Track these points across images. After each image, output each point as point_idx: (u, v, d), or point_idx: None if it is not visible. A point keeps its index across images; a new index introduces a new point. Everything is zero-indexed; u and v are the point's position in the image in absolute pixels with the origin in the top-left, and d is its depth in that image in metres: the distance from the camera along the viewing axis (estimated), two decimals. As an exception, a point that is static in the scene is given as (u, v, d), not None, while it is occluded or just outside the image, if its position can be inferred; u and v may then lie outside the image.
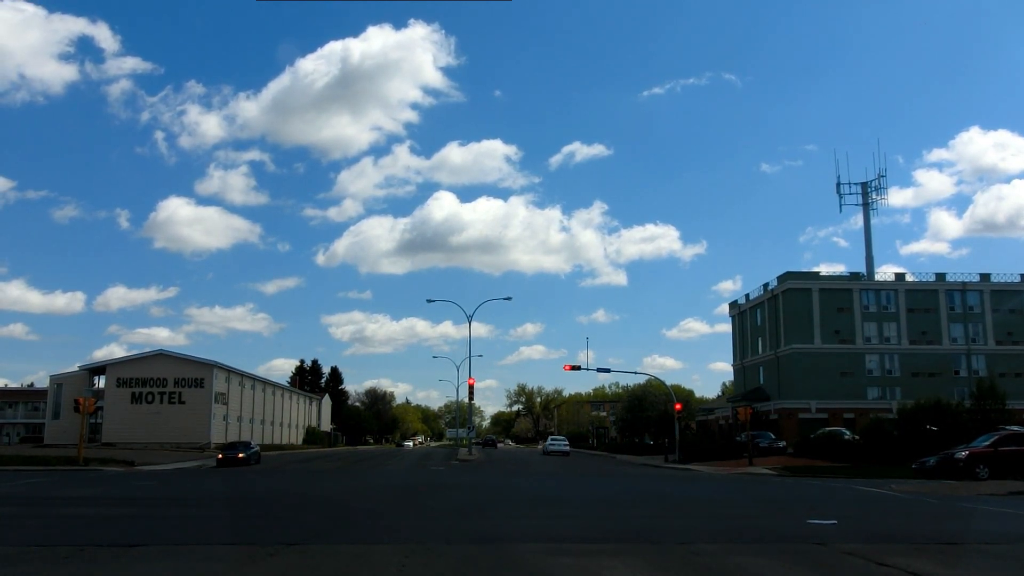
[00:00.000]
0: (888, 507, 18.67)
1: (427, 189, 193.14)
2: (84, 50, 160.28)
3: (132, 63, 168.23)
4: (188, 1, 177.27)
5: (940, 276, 71.56)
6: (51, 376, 72.17)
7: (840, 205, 72.29)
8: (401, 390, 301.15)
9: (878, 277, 71.42)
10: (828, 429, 50.40)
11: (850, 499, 20.57)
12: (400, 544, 10.83)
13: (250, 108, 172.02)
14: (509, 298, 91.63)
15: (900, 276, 72.29)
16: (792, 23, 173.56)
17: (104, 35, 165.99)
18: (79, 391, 58.74)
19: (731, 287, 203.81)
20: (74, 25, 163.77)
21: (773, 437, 52.90)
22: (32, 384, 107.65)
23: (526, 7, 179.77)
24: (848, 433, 47.63)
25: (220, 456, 41.33)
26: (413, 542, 11.04)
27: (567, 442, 72.15)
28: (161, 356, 68.47)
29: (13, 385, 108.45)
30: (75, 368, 70.87)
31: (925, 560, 9.92)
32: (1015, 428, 32.52)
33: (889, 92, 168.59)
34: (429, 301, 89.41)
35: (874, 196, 71.46)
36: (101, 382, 69.30)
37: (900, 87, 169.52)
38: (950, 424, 38.22)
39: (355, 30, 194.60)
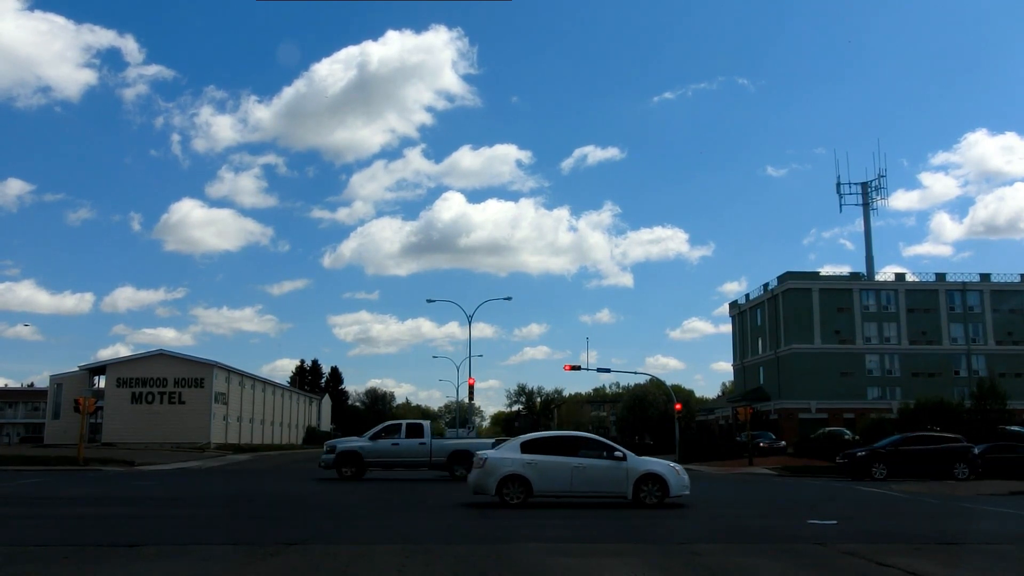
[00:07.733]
0: (888, 507, 18.67)
1: (437, 192, 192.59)
2: (108, 59, 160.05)
3: (154, 70, 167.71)
4: (209, 8, 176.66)
5: (940, 276, 71.55)
6: (51, 376, 72.05)
7: (840, 205, 72.46)
8: (404, 391, 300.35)
9: (879, 277, 71.43)
10: (828, 429, 50.40)
11: (850, 499, 20.58)
12: (400, 544, 10.83)
13: (265, 112, 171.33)
14: (509, 298, 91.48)
15: (900, 276, 72.30)
16: (804, 26, 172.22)
17: (130, 45, 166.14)
18: (79, 391, 58.62)
19: (736, 288, 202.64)
20: (104, 37, 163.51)
21: (773, 437, 52.88)
22: (32, 384, 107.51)
23: (541, 13, 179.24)
24: (848, 433, 47.62)
25: None
26: (413, 542, 11.04)
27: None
28: (161, 356, 68.37)
29: (14, 385, 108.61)
30: (75, 368, 70.84)
31: (925, 560, 9.91)
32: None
33: (896, 95, 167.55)
34: (429, 301, 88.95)
35: (874, 196, 71.54)
36: (101, 382, 69.18)
37: (907, 90, 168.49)
38: (951, 424, 38.20)
39: (374, 34, 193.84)
